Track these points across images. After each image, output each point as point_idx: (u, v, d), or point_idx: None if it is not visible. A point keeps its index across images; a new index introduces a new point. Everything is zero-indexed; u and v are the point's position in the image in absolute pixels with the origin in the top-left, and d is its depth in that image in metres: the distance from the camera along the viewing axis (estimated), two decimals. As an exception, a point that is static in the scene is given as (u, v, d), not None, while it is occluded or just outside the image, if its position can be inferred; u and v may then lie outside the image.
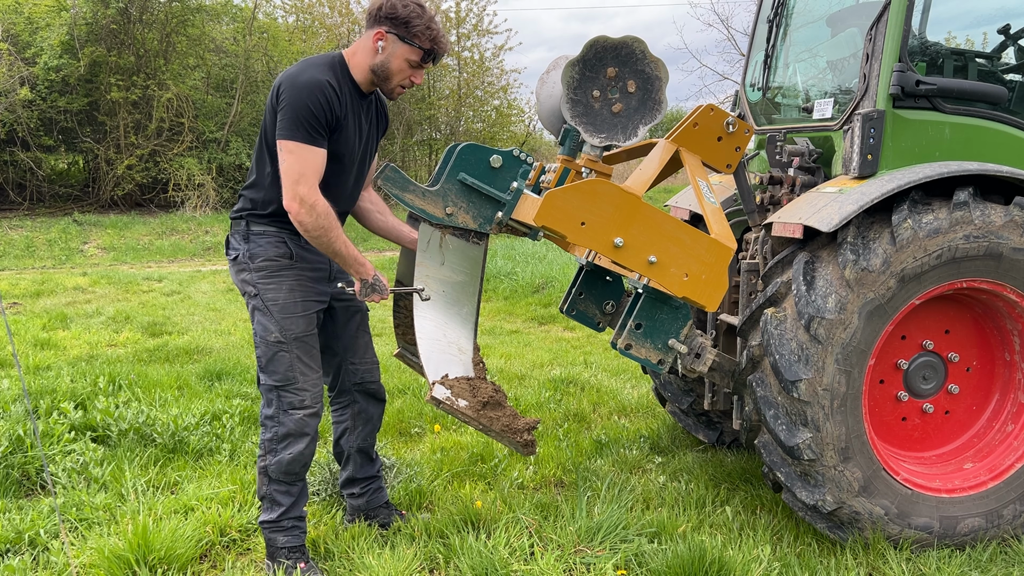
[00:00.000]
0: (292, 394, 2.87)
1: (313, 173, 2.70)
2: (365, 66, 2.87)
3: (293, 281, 2.89)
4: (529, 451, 2.89)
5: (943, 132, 3.22)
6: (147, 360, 6.23)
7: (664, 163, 2.99)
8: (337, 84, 2.78)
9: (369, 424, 3.28)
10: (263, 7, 20.57)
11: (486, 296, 10.21)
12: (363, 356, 3.22)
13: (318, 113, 2.70)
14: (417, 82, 2.95)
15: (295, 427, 2.88)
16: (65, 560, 2.97)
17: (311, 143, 2.70)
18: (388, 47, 2.82)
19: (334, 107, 2.76)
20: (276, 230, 2.89)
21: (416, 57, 2.85)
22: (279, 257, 2.88)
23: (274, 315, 2.85)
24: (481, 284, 3.07)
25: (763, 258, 3.51)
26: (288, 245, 2.89)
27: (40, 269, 12.86)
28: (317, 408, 2.92)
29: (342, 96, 2.79)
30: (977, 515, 3.17)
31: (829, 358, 2.93)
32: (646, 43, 2.93)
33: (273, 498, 2.95)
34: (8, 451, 3.78)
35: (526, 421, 2.88)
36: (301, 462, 2.92)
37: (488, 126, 22.20)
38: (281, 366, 2.86)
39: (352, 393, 3.24)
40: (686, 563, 2.89)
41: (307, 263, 2.93)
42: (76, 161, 18.65)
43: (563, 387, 5.43)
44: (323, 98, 2.71)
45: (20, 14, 16.81)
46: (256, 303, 2.89)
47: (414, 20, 2.81)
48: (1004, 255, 3.01)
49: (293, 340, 2.86)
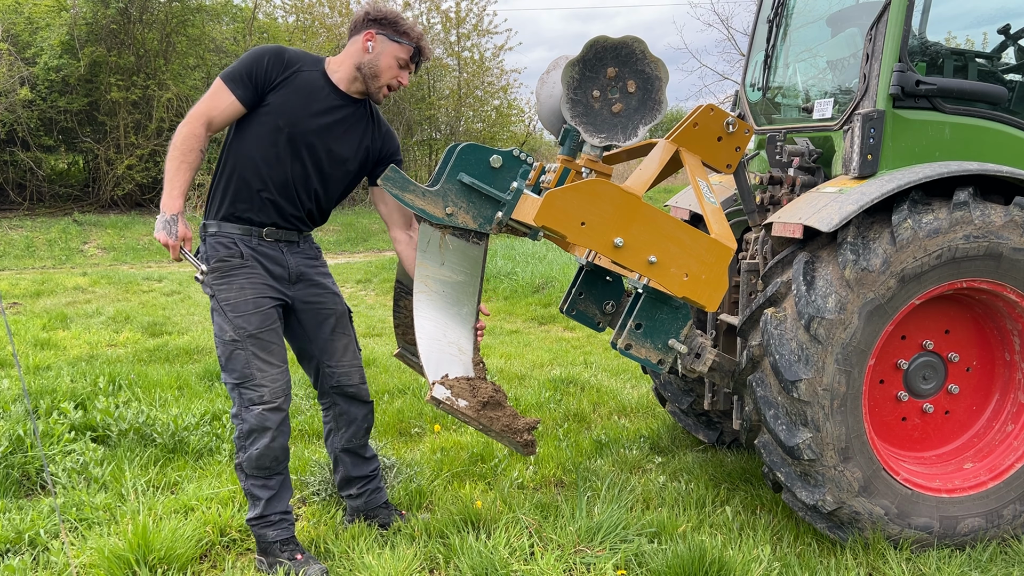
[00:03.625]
0: (251, 390, 2.89)
1: (210, 106, 2.84)
2: (350, 64, 2.97)
3: (244, 280, 2.91)
4: (529, 451, 2.89)
5: (943, 132, 3.22)
6: (147, 360, 6.23)
7: (664, 163, 2.98)
8: (294, 59, 2.92)
9: (352, 426, 3.26)
10: (263, 7, 20.61)
11: (486, 296, 10.22)
12: (339, 359, 3.20)
13: (250, 65, 2.86)
14: (404, 83, 3.04)
15: (256, 422, 2.89)
16: (65, 560, 2.97)
17: (227, 85, 2.84)
18: (378, 46, 2.95)
19: (272, 69, 2.88)
20: (229, 228, 2.94)
21: (405, 55, 2.98)
22: (229, 257, 2.91)
23: (227, 314, 2.88)
24: (481, 284, 3.07)
25: (763, 258, 3.51)
26: (238, 245, 2.93)
27: (40, 269, 12.86)
28: (278, 402, 2.92)
29: (296, 71, 2.91)
30: (977, 515, 3.17)
31: (829, 358, 2.93)
32: (646, 43, 2.93)
33: (252, 493, 2.98)
34: (8, 451, 3.78)
35: (526, 421, 2.88)
36: (270, 456, 2.93)
37: (488, 126, 22.20)
38: (238, 364, 2.89)
39: (331, 395, 3.23)
40: (686, 563, 2.89)
41: (259, 263, 2.95)
42: (76, 161, 18.66)
43: (563, 387, 5.43)
44: (267, 57, 2.88)
45: (20, 14, 16.81)
46: (213, 304, 2.94)
47: (401, 21, 2.99)
48: (1004, 255, 3.01)
49: (247, 338, 2.88)
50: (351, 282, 11.66)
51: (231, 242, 2.92)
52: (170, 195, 2.80)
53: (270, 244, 2.98)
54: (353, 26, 3.02)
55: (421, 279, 2.96)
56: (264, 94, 2.89)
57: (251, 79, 2.85)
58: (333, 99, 2.98)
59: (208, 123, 2.83)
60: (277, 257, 2.99)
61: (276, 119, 2.90)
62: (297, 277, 3.06)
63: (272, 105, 2.89)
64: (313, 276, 3.12)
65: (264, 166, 2.91)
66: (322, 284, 3.16)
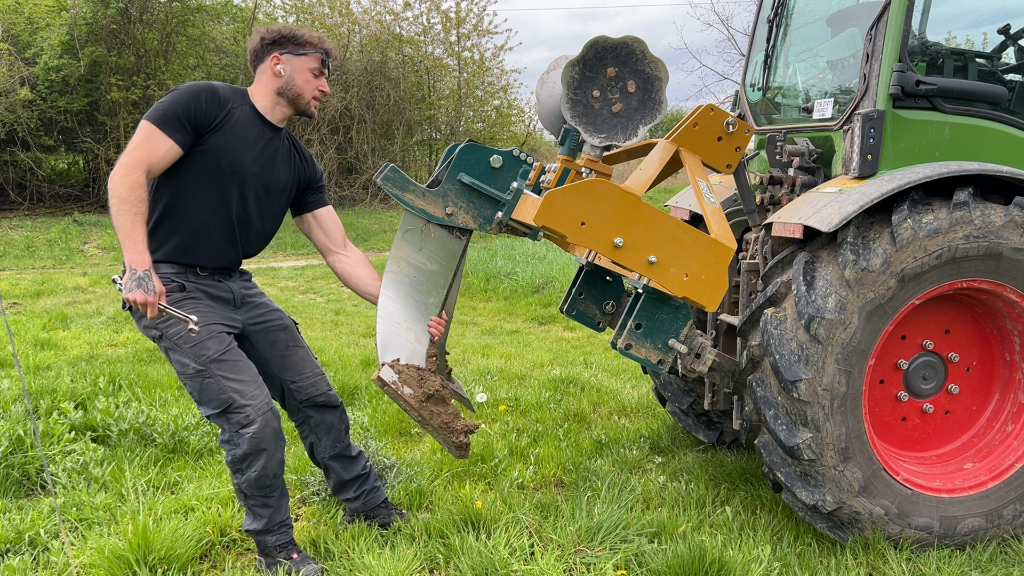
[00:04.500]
0: (235, 413, 2.80)
1: (148, 154, 2.67)
2: (269, 91, 2.92)
3: (189, 310, 2.76)
4: (462, 454, 2.87)
5: (943, 132, 3.22)
6: (147, 360, 6.23)
7: (664, 163, 2.99)
8: (227, 97, 2.83)
9: (332, 431, 3.21)
10: (263, 7, 20.63)
11: (486, 296, 10.21)
12: (301, 372, 3.13)
13: (187, 106, 2.73)
14: (326, 90, 3.00)
15: (250, 446, 2.80)
16: (65, 560, 2.97)
17: (162, 129, 2.69)
18: (287, 66, 2.91)
19: (209, 109, 2.77)
20: (163, 269, 2.83)
21: (317, 64, 2.94)
22: (170, 292, 2.80)
23: (182, 348, 2.78)
24: (456, 279, 3.04)
25: (763, 258, 3.51)
26: (176, 280, 2.83)
27: (40, 269, 12.87)
28: (265, 418, 2.81)
29: (230, 109, 2.82)
30: (977, 515, 3.17)
31: (829, 358, 2.93)
32: (646, 43, 2.93)
33: (254, 512, 2.94)
34: (8, 451, 3.78)
35: (466, 423, 2.87)
36: (270, 474, 2.88)
37: (488, 126, 22.21)
38: (213, 393, 2.79)
39: (303, 411, 3.17)
40: (686, 563, 2.89)
41: (202, 291, 2.87)
42: (76, 161, 18.67)
43: (563, 387, 5.43)
44: (203, 96, 2.76)
45: (20, 14, 16.82)
46: (165, 344, 2.82)
47: (299, 33, 2.94)
48: (1004, 255, 3.01)
49: (211, 363, 2.78)
50: (351, 282, 11.64)
51: (167, 279, 2.81)
52: (135, 250, 2.60)
53: (206, 277, 2.91)
54: (254, 56, 2.94)
55: (395, 259, 2.94)
56: (202, 135, 2.77)
57: (189, 121, 2.72)
58: (266, 133, 2.93)
59: (148, 170, 2.67)
60: (217, 285, 2.93)
61: (217, 160, 2.80)
62: (240, 300, 3.01)
63: (211, 146, 2.79)
64: (252, 298, 3.08)
65: (206, 207, 2.83)
66: (262, 304, 3.11)
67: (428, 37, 21.44)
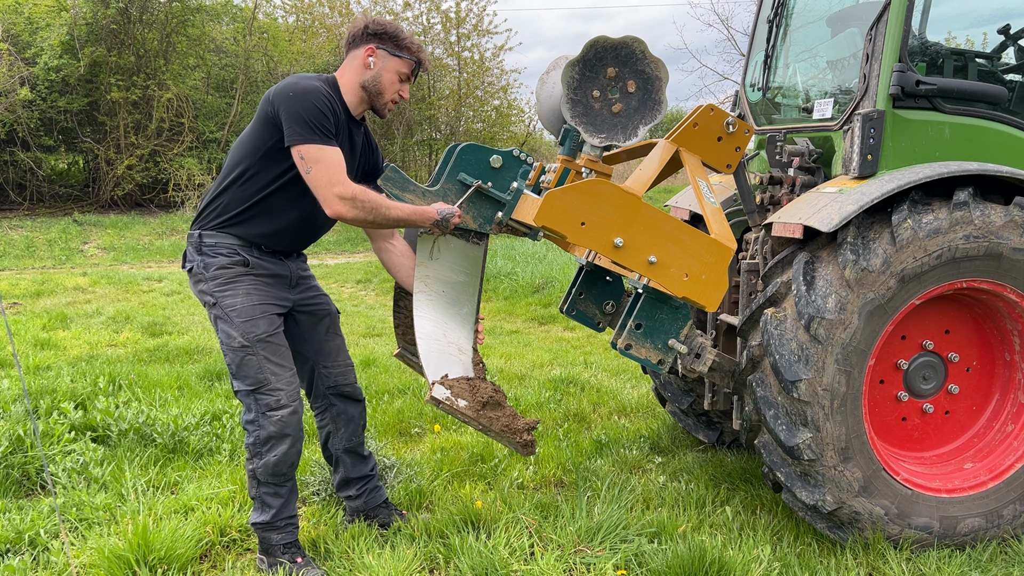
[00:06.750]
0: (267, 395, 2.86)
1: (339, 170, 2.72)
2: (355, 84, 2.92)
3: (249, 286, 2.88)
4: (529, 451, 2.89)
5: (943, 132, 3.22)
6: (147, 360, 6.23)
7: (664, 163, 2.99)
8: (330, 95, 2.82)
9: (351, 424, 3.27)
10: (263, 7, 20.60)
11: (486, 296, 10.21)
12: (335, 360, 3.21)
13: (326, 112, 2.74)
14: (406, 97, 3.02)
15: (276, 429, 2.87)
16: (65, 560, 2.97)
17: (327, 143, 2.73)
18: (379, 62, 2.91)
19: (336, 111, 2.80)
20: (229, 240, 2.89)
21: (407, 69, 2.95)
22: (233, 264, 2.88)
23: (234, 321, 2.85)
24: (481, 284, 3.07)
25: (763, 258, 3.51)
26: (241, 253, 2.89)
27: (40, 269, 12.87)
28: (295, 405, 2.91)
29: (335, 108, 2.83)
30: (977, 515, 3.17)
31: (829, 358, 2.93)
32: (646, 43, 2.94)
33: (263, 500, 2.96)
34: (8, 451, 3.78)
35: (526, 421, 2.88)
36: (288, 462, 2.92)
37: (488, 126, 22.19)
38: (251, 370, 2.85)
39: (328, 397, 3.23)
40: (686, 563, 2.89)
41: (263, 269, 2.93)
42: (76, 161, 18.67)
43: (563, 387, 5.43)
44: (326, 101, 2.76)
45: (20, 14, 16.82)
46: (216, 312, 2.89)
47: (401, 34, 2.94)
48: (1004, 255, 3.01)
49: (257, 342, 2.85)
50: (351, 282, 11.66)
51: (233, 251, 2.89)
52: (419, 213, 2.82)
53: (268, 255, 2.97)
54: (352, 39, 2.96)
55: (421, 279, 2.96)
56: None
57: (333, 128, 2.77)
58: (353, 129, 2.97)
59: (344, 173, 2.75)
60: (278, 263, 2.99)
61: None
62: (296, 280, 3.07)
63: None
64: (306, 280, 3.15)
65: (290, 198, 2.88)
66: (315, 287, 3.20)
67: (428, 37, 21.42)
